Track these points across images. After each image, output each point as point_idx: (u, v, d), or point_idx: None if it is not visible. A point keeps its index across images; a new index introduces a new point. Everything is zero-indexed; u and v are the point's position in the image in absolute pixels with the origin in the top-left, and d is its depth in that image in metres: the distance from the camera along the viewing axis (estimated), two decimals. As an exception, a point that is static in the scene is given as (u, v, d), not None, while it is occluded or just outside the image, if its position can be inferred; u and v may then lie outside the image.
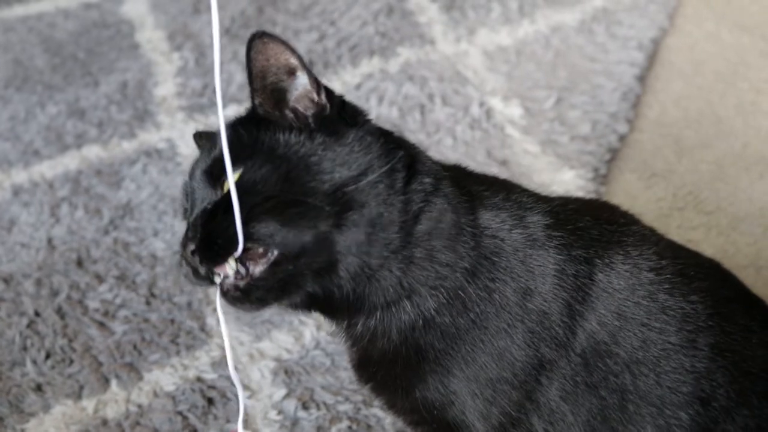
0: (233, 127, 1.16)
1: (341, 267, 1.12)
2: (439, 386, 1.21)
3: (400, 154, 1.15)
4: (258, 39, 1.10)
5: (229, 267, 1.10)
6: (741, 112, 2.28)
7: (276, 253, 1.09)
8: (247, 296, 1.12)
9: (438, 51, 2.50)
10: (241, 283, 1.10)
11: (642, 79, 2.39)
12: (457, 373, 1.19)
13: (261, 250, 1.09)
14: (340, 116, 1.15)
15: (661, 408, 1.21)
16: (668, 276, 1.24)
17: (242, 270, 1.10)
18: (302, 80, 1.14)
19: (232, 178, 1.04)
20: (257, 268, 1.10)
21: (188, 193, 1.20)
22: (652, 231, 1.33)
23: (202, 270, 1.11)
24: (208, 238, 1.10)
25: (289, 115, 1.15)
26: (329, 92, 1.15)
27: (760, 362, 1.27)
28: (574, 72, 2.40)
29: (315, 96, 1.14)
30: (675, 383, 1.21)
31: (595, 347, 1.20)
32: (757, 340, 1.28)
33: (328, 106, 1.15)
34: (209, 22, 2.66)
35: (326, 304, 1.18)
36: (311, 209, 1.09)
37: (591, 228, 1.25)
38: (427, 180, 1.16)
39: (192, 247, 1.10)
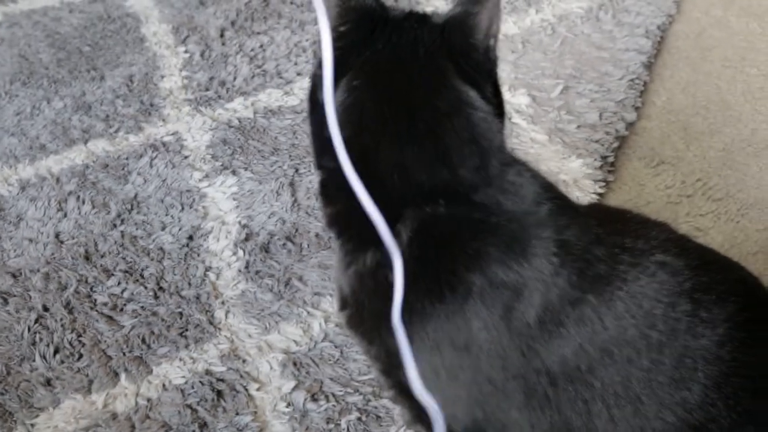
0: None
1: None
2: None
3: None
4: None
5: None
6: (749, 98, 2.27)
7: None
8: None
9: (444, 40, 2.49)
10: None
11: (649, 66, 2.38)
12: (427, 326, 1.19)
13: None
14: None
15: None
16: (676, 315, 1.19)
17: None
18: None
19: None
20: None
21: None
22: (678, 253, 1.27)
23: None
24: None
25: None
26: None
27: None
28: (581, 60, 2.39)
29: None
30: (657, 414, 1.19)
31: (565, 372, 1.19)
32: None
33: None
34: (215, 14, 2.66)
35: None
36: None
37: (600, 263, 1.20)
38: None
39: None
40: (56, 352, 1.77)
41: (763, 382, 1.23)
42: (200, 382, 1.69)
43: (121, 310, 1.84)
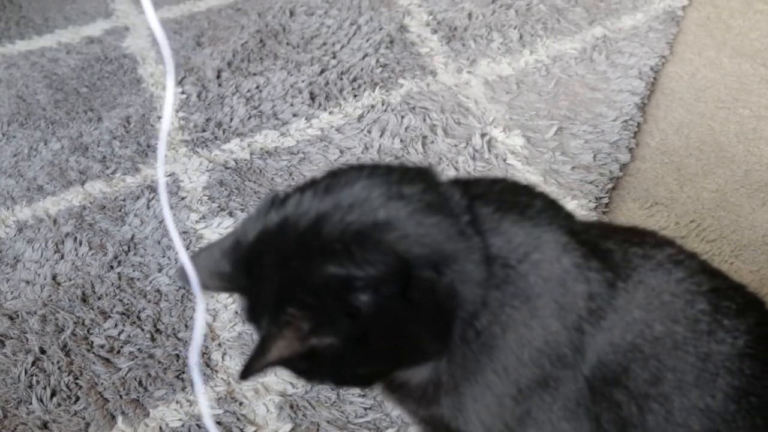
0: None
1: None
2: (450, 404, 1.21)
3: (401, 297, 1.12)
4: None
5: None
6: (742, 139, 2.29)
7: None
8: None
9: (439, 82, 2.51)
10: None
11: (643, 107, 2.40)
12: (467, 393, 1.19)
13: None
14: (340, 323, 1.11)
15: None
16: (695, 312, 1.20)
17: None
18: None
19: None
20: None
21: None
22: (690, 256, 1.28)
23: None
24: None
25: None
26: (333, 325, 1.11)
27: None
28: (576, 101, 2.41)
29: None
30: (686, 420, 1.19)
31: (603, 374, 1.19)
32: None
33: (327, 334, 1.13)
34: (211, 55, 2.68)
35: None
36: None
37: (614, 251, 1.21)
38: (427, 275, 1.12)
39: None
40: (53, 394, 1.78)
41: None
42: (197, 425, 1.69)
43: (118, 352, 1.85)
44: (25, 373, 1.81)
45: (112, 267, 2.03)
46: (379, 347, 1.13)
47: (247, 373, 1.08)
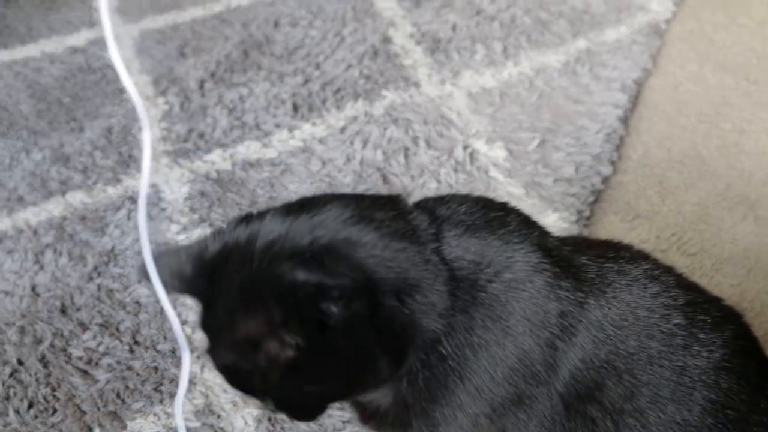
0: None
1: None
2: (422, 426, 1.22)
3: (368, 314, 1.12)
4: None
5: None
6: (724, 153, 2.29)
7: None
8: None
9: (422, 93, 2.51)
10: None
11: (625, 120, 2.40)
12: (437, 415, 1.20)
13: None
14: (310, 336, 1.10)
15: None
16: (670, 327, 1.21)
17: None
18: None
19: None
20: None
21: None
22: (666, 270, 1.31)
23: None
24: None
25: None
26: (301, 328, 1.10)
27: (764, 428, 1.25)
28: (558, 114, 2.41)
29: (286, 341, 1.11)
30: None
31: (578, 391, 1.19)
32: (766, 404, 1.26)
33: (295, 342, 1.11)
34: (194, 66, 2.68)
35: None
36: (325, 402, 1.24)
37: (588, 267, 1.23)
38: (389, 303, 1.12)
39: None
40: (30, 406, 1.77)
41: (751, 427, 1.24)
42: (174, 437, 1.69)
43: (97, 364, 1.84)
44: (2, 384, 1.80)
45: (91, 278, 2.02)
46: (336, 364, 1.12)
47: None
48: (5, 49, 2.87)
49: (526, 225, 1.27)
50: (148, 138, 1.00)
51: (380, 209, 1.17)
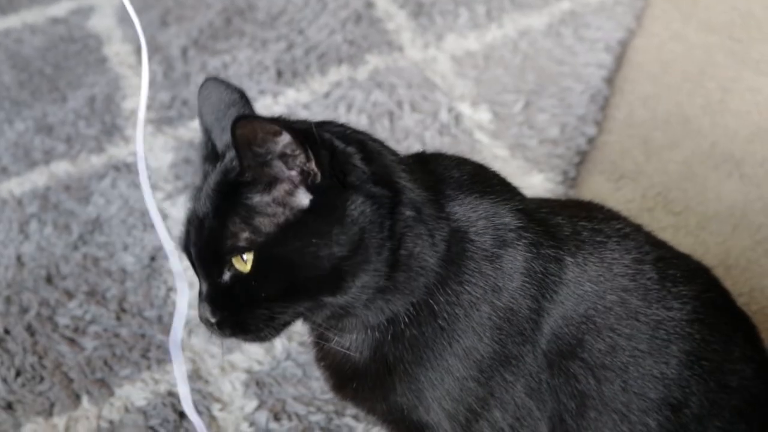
0: (221, 193, 1.15)
1: (324, 311, 1.17)
2: (406, 391, 1.21)
3: (388, 204, 1.14)
4: (243, 120, 1.06)
5: None
6: (708, 111, 2.29)
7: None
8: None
9: (406, 57, 2.50)
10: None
11: (610, 81, 2.39)
12: (423, 379, 1.20)
13: None
14: (332, 181, 1.11)
15: (626, 414, 1.21)
16: (644, 281, 1.23)
17: None
18: (287, 140, 1.07)
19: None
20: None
21: (192, 261, 1.19)
22: (636, 229, 1.32)
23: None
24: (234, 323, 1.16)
25: (280, 175, 1.11)
26: (318, 155, 1.09)
27: (738, 376, 1.27)
28: (543, 75, 2.41)
29: (304, 162, 1.09)
30: (643, 389, 1.21)
31: (559, 348, 1.20)
32: (739, 353, 1.28)
33: (319, 174, 1.10)
34: (177, 34, 2.66)
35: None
36: (314, 287, 1.13)
37: (563, 226, 1.24)
38: (408, 213, 1.15)
39: (213, 320, 1.16)
40: (17, 375, 1.77)
41: (726, 376, 1.25)
42: (162, 403, 1.69)
43: (83, 332, 1.84)
44: (-11, 354, 1.81)
45: (76, 247, 2.02)
46: (339, 230, 1.11)
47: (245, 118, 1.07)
48: (-14, 20, 2.85)
49: (506, 187, 1.29)
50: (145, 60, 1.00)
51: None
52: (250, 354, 1.76)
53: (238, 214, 1.11)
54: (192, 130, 2.31)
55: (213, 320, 1.15)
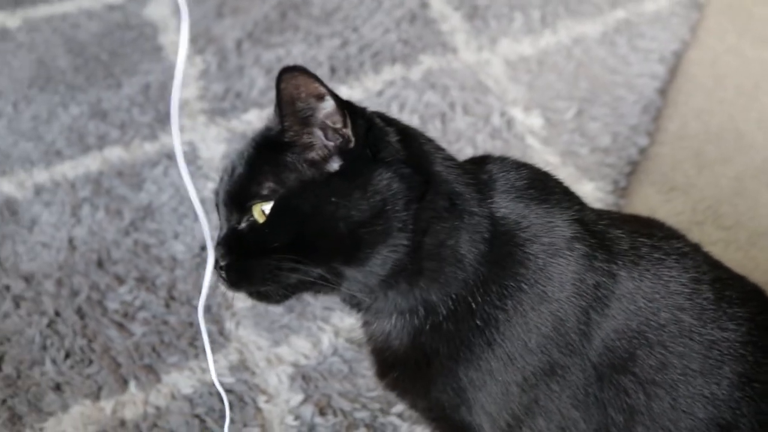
0: (258, 147, 1.19)
1: (345, 287, 1.18)
2: (447, 389, 1.22)
3: (417, 187, 1.16)
4: (288, 72, 1.10)
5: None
6: (762, 126, 2.28)
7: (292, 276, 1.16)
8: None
9: (460, 60, 2.51)
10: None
11: (663, 92, 2.39)
12: (464, 377, 1.20)
13: None
14: (363, 151, 1.14)
15: (673, 431, 1.22)
16: (700, 301, 1.23)
17: None
18: (329, 109, 1.12)
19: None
20: None
21: (218, 205, 1.24)
22: (695, 249, 1.32)
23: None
24: (240, 269, 1.19)
25: (317, 142, 1.14)
26: (355, 123, 1.14)
27: None
28: (596, 83, 2.40)
29: (341, 126, 1.13)
30: (692, 408, 1.21)
31: (611, 361, 1.20)
32: None
33: (353, 140, 1.13)
34: (232, 26, 2.68)
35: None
36: (327, 249, 1.15)
37: (622, 240, 1.24)
38: (441, 203, 1.17)
39: (222, 263, 1.19)
40: (67, 357, 1.79)
41: None
42: (209, 392, 1.70)
43: (133, 317, 1.85)
44: (40, 334, 1.82)
45: (128, 233, 2.04)
46: (364, 199, 1.13)
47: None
48: (44, 3, 2.88)
49: (567, 196, 1.29)
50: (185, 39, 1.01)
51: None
52: (297, 347, 1.77)
53: (269, 165, 1.16)
54: (244, 122, 2.32)
55: (222, 263, 1.19)
